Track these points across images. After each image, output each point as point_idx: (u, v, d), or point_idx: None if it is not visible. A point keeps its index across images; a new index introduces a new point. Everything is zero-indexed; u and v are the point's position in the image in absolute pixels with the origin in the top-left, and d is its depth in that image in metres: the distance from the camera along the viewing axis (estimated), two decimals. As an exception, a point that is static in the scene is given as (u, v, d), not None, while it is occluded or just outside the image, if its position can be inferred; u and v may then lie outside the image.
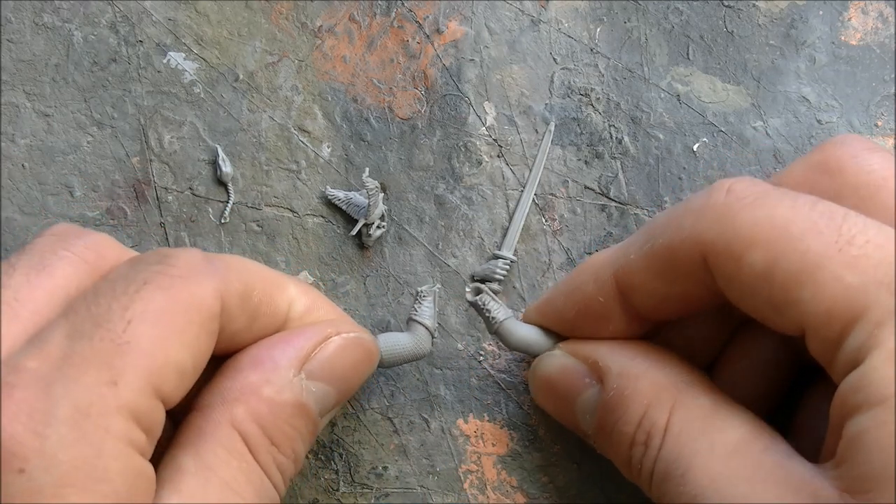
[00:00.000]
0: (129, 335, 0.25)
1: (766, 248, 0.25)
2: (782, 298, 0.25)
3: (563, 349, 0.32)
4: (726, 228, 0.26)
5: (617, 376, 0.29)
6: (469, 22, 0.39)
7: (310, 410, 0.30)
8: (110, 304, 0.25)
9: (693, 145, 0.38)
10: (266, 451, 0.28)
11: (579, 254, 0.37)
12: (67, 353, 0.24)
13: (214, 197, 0.38)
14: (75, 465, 0.23)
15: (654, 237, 0.28)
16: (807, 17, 0.39)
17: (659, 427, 0.28)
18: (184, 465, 0.27)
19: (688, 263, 0.27)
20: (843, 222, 0.25)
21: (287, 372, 0.29)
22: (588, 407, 0.31)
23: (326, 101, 0.38)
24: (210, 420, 0.28)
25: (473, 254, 0.38)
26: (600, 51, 0.39)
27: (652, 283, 0.29)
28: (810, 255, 0.24)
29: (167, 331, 0.25)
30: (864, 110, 0.38)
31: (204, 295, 0.27)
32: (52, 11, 0.38)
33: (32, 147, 0.38)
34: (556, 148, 0.38)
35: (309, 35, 0.39)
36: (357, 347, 0.31)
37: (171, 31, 0.38)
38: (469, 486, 0.36)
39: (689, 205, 0.28)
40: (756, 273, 0.25)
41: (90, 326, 0.25)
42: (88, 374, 0.24)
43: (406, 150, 0.38)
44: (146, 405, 0.25)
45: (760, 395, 0.31)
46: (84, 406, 0.24)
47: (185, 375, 0.26)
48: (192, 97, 0.38)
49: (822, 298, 0.24)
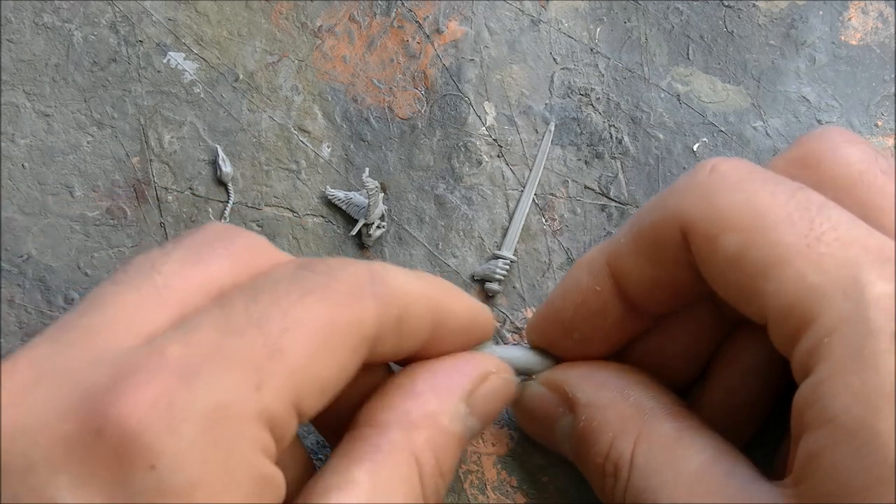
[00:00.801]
0: (283, 342, 0.24)
1: (740, 232, 0.25)
2: (749, 287, 0.25)
3: (538, 380, 0.32)
4: (705, 207, 0.26)
5: (585, 406, 0.29)
6: (469, 22, 0.39)
7: (466, 443, 0.30)
8: (269, 306, 0.24)
9: (693, 145, 0.38)
10: (434, 480, 0.28)
11: (579, 254, 0.37)
12: (216, 347, 0.23)
13: (214, 197, 0.38)
14: (206, 467, 0.22)
15: (641, 218, 0.29)
16: (807, 17, 0.39)
17: (625, 459, 0.28)
18: (356, 478, 0.26)
19: (671, 242, 0.27)
20: (816, 215, 0.25)
21: (461, 403, 0.29)
22: (564, 434, 0.31)
23: (326, 101, 0.38)
24: (389, 441, 0.27)
25: (473, 254, 0.38)
26: (600, 51, 0.39)
27: (640, 265, 0.29)
28: (780, 246, 0.24)
29: (322, 346, 0.24)
30: (864, 110, 0.38)
31: (364, 318, 0.26)
32: (52, 11, 0.38)
33: (32, 147, 0.38)
34: (556, 148, 0.38)
35: (309, 35, 0.39)
36: (508, 389, 0.31)
37: (171, 31, 0.39)
38: (469, 486, 0.36)
39: (675, 184, 0.28)
40: (728, 257, 0.25)
41: (244, 324, 0.24)
42: (234, 373, 0.23)
43: (406, 150, 0.38)
44: (284, 415, 0.24)
45: (754, 400, 0.31)
46: (224, 406, 0.22)
47: (326, 394, 0.25)
48: (192, 97, 0.38)
49: (783, 294, 0.24)
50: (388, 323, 0.27)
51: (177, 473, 0.21)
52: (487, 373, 0.30)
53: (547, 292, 0.37)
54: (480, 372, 0.30)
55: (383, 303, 0.26)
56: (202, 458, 0.22)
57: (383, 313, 0.26)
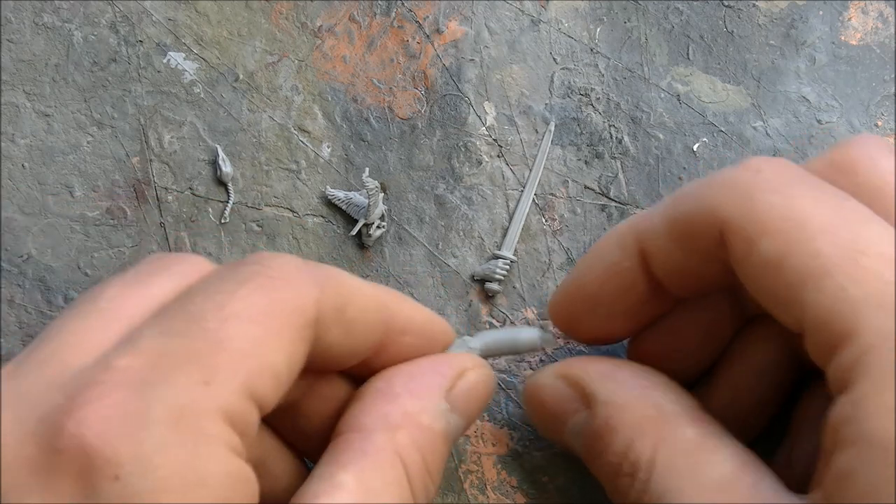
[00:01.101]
0: (224, 334, 0.24)
1: (781, 239, 0.25)
2: (787, 294, 0.25)
3: (554, 372, 0.32)
4: (747, 209, 0.26)
5: (603, 404, 0.29)
6: (469, 22, 0.39)
7: (451, 441, 0.30)
8: (205, 302, 0.24)
9: (693, 145, 0.38)
10: (422, 479, 0.28)
11: (579, 254, 0.37)
12: (161, 351, 0.23)
13: (214, 197, 0.38)
14: (172, 469, 0.22)
15: (678, 204, 0.28)
16: (807, 17, 0.39)
17: (644, 461, 0.27)
18: (344, 483, 0.26)
19: (706, 236, 0.27)
20: (861, 228, 0.24)
21: (440, 401, 0.29)
22: (577, 431, 0.30)
23: (326, 101, 0.38)
24: (373, 443, 0.27)
25: (473, 254, 0.38)
26: (600, 51, 0.39)
27: (671, 251, 0.28)
28: (821, 257, 0.24)
29: (264, 332, 0.25)
30: (864, 110, 0.38)
31: (302, 299, 0.26)
32: (52, 11, 0.38)
33: (32, 147, 0.38)
34: (556, 148, 0.38)
35: (309, 35, 0.39)
36: (487, 383, 0.31)
37: (171, 31, 0.39)
38: (469, 486, 0.36)
39: (718, 177, 0.27)
40: (767, 262, 0.25)
41: (184, 323, 0.24)
42: (183, 372, 0.23)
43: (406, 150, 0.38)
44: (241, 407, 0.24)
45: (761, 399, 0.31)
46: (179, 407, 0.22)
47: (280, 380, 0.25)
48: (192, 97, 0.38)
49: (823, 305, 0.24)
50: (330, 308, 0.27)
51: (142, 480, 0.22)
52: (463, 369, 0.30)
53: (547, 292, 0.37)
54: (456, 369, 0.30)
55: (320, 285, 0.26)
56: (167, 461, 0.22)
57: (322, 296, 0.26)
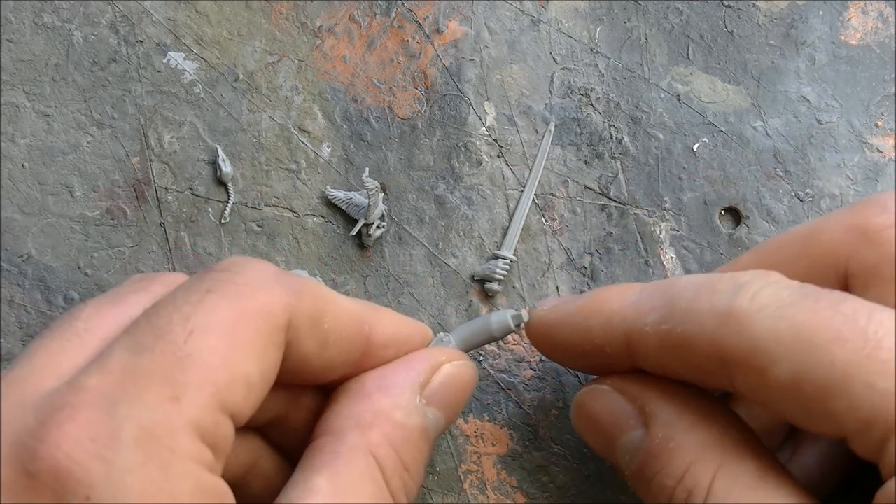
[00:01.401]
0: (190, 347, 0.24)
1: (791, 361, 0.25)
2: (815, 409, 0.25)
3: (612, 386, 0.31)
4: (748, 340, 0.25)
5: (663, 425, 0.28)
6: (469, 22, 0.39)
7: (430, 435, 0.30)
8: (171, 315, 0.24)
9: (693, 145, 0.38)
10: (399, 475, 0.28)
11: (579, 254, 0.37)
12: (129, 368, 0.23)
13: (214, 197, 0.38)
14: (143, 488, 0.22)
15: (672, 320, 0.27)
16: (807, 17, 0.39)
17: (702, 487, 0.27)
18: (317, 487, 0.26)
19: (705, 363, 0.27)
20: (868, 324, 0.24)
21: (413, 397, 0.29)
22: (629, 448, 0.30)
23: (326, 101, 0.38)
24: (345, 444, 0.27)
25: (473, 254, 0.38)
26: (600, 51, 0.39)
27: (665, 361, 0.28)
28: (838, 365, 0.24)
29: (232, 341, 0.24)
30: (864, 110, 0.38)
31: (271, 304, 0.26)
32: (52, 11, 0.38)
33: (32, 147, 0.38)
34: (556, 148, 0.38)
35: (309, 35, 0.39)
36: (464, 374, 0.31)
37: (171, 31, 0.38)
38: (469, 486, 0.36)
39: (713, 301, 0.27)
40: (783, 386, 0.25)
41: (151, 339, 0.24)
42: (151, 390, 0.23)
43: (406, 150, 0.38)
44: (212, 421, 0.24)
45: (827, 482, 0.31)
46: (149, 426, 0.23)
47: (253, 389, 0.25)
48: (192, 97, 0.38)
49: (858, 409, 0.24)
50: (302, 317, 0.27)
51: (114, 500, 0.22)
52: (438, 363, 0.30)
53: (547, 292, 0.37)
54: (430, 364, 0.30)
55: (291, 292, 0.26)
56: (137, 481, 0.22)
57: (293, 303, 0.26)
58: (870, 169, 0.38)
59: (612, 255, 0.37)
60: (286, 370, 0.27)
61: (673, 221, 0.37)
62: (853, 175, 0.38)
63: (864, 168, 0.38)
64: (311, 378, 0.29)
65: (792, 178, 0.38)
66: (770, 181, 0.38)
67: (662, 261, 0.37)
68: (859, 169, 0.38)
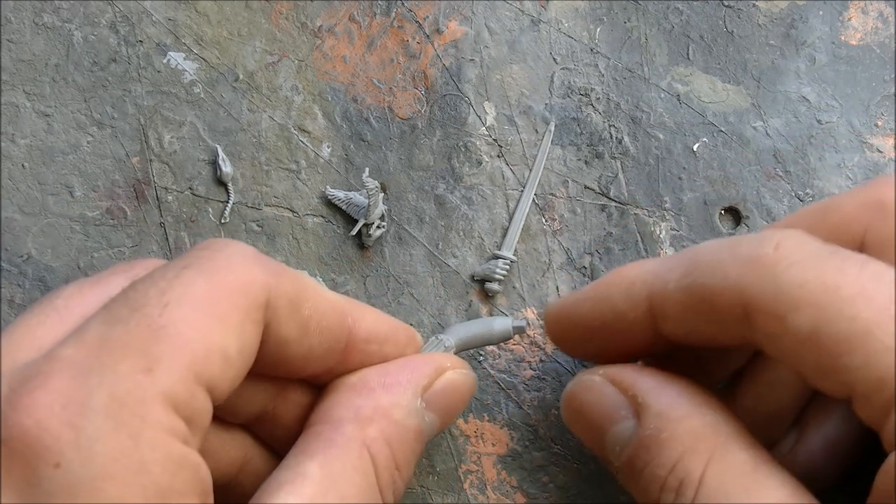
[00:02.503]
0: (165, 319, 0.24)
1: (813, 311, 0.25)
2: (829, 363, 0.25)
3: (603, 376, 0.31)
4: (772, 286, 0.25)
5: (656, 416, 0.28)
6: (469, 22, 0.39)
7: (425, 438, 0.30)
8: (147, 290, 0.25)
9: (693, 145, 0.38)
10: (389, 473, 0.28)
11: (579, 254, 0.37)
12: (103, 339, 0.24)
13: (214, 197, 0.38)
14: (112, 457, 0.22)
15: (695, 273, 0.28)
16: (807, 17, 0.39)
17: (693, 477, 0.27)
18: (308, 472, 0.26)
19: (728, 312, 0.27)
20: (892, 287, 0.24)
21: (415, 398, 0.29)
22: (620, 439, 0.30)
23: (326, 101, 0.38)
24: (342, 434, 0.27)
25: (473, 254, 0.38)
26: (600, 51, 0.39)
27: (687, 318, 0.28)
28: (860, 321, 0.24)
29: (207, 314, 0.25)
30: (864, 110, 0.38)
31: (248, 280, 0.26)
32: (52, 11, 0.38)
33: (32, 147, 0.38)
34: (556, 148, 0.38)
35: (309, 35, 0.39)
36: (465, 383, 0.31)
37: (171, 31, 0.38)
38: (469, 486, 0.36)
39: (737, 251, 0.27)
40: (801, 335, 0.25)
41: (126, 312, 0.24)
42: (124, 361, 0.23)
43: (406, 150, 0.38)
44: (186, 392, 0.24)
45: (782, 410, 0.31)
46: (120, 395, 0.23)
47: (231, 362, 0.25)
48: (192, 97, 0.38)
49: (873, 366, 0.24)
50: (281, 298, 0.27)
51: (82, 467, 0.22)
52: (442, 368, 0.31)
53: (547, 292, 0.37)
54: (434, 367, 0.30)
55: (271, 271, 0.26)
56: (106, 449, 0.22)
57: (272, 282, 0.26)
58: (870, 169, 0.38)
59: (612, 255, 0.37)
60: (267, 355, 0.27)
61: (673, 221, 0.37)
62: (853, 175, 0.38)
63: (864, 168, 0.38)
64: (294, 367, 0.29)
65: (792, 178, 0.38)
66: (770, 181, 0.38)
67: (662, 261, 0.37)
68: (859, 169, 0.38)
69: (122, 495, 0.22)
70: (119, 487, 0.22)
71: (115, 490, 0.22)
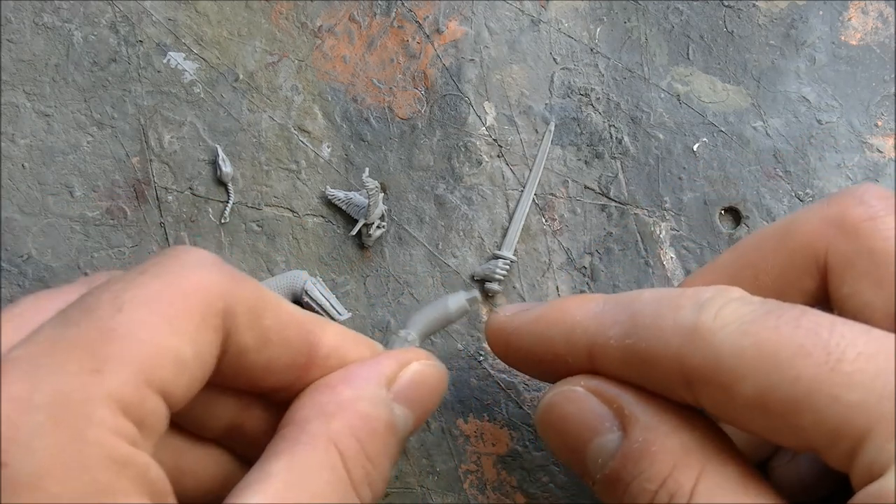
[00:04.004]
0: (117, 321, 0.24)
1: (756, 379, 0.25)
2: (783, 425, 0.25)
3: (586, 387, 0.30)
4: (713, 357, 0.25)
5: (644, 428, 0.28)
6: (469, 22, 0.39)
7: (398, 431, 0.29)
8: (102, 293, 0.25)
9: (693, 145, 0.38)
10: (361, 466, 0.28)
11: (579, 254, 0.37)
12: (54, 341, 0.24)
13: (214, 197, 0.38)
14: (52, 453, 0.22)
15: (635, 335, 0.27)
16: (807, 17, 0.39)
17: (684, 491, 0.27)
18: (273, 471, 0.26)
19: (670, 379, 0.27)
20: (830, 337, 0.24)
21: (378, 389, 0.29)
22: (603, 452, 0.29)
23: (326, 101, 0.38)
24: (307, 432, 0.27)
25: (473, 254, 0.38)
26: (600, 51, 0.39)
27: (630, 376, 0.28)
28: (802, 381, 0.24)
29: (160, 317, 0.24)
30: (864, 110, 0.38)
31: (206, 285, 0.26)
32: (52, 11, 0.38)
33: (32, 147, 0.38)
34: (556, 148, 0.38)
35: (309, 35, 0.39)
36: (433, 374, 0.31)
37: (171, 31, 0.38)
38: (469, 486, 0.36)
39: (677, 316, 0.27)
40: (749, 403, 0.25)
41: (79, 314, 0.24)
42: (72, 361, 0.23)
43: (406, 150, 0.38)
44: (136, 395, 0.24)
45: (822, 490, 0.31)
46: (65, 393, 0.23)
47: (185, 366, 0.25)
48: (192, 97, 0.38)
49: (824, 422, 0.24)
50: (243, 307, 0.26)
51: (25, 465, 0.22)
52: (406, 360, 0.30)
53: (547, 292, 0.37)
54: (397, 361, 0.30)
55: (230, 278, 0.26)
56: (44, 445, 0.22)
57: (231, 289, 0.26)
58: (870, 169, 0.38)
59: (612, 255, 0.37)
60: (227, 365, 0.27)
61: (673, 221, 0.37)
62: (853, 175, 0.38)
63: (864, 168, 0.38)
64: (254, 379, 0.29)
65: (792, 178, 0.38)
66: (770, 181, 0.38)
67: (662, 261, 0.37)
68: (859, 169, 0.38)
69: (61, 493, 0.22)
70: (58, 485, 0.22)
71: (54, 487, 0.22)
